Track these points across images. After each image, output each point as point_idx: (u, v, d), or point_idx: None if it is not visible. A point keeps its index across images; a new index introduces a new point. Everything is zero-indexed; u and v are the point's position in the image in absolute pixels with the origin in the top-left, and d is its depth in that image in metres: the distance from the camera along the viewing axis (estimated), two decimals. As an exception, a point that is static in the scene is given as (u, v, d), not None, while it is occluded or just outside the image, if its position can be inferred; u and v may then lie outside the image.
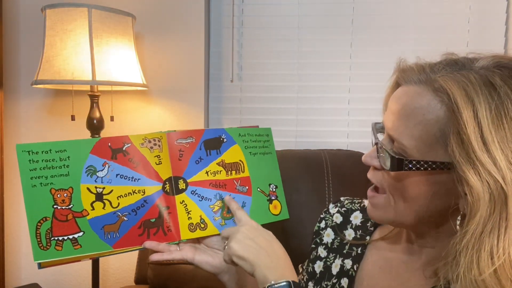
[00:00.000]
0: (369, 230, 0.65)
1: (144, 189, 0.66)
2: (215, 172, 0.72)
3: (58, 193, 0.61)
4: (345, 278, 0.62)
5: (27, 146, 0.61)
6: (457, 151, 0.43)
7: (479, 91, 0.43)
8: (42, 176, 0.60)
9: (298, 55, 1.45)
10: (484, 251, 0.42)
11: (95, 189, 0.63)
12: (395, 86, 0.55)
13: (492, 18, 1.37)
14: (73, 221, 0.61)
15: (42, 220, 0.60)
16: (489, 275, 0.41)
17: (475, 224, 0.42)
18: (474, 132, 0.42)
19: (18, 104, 1.45)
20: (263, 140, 0.80)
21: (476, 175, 0.42)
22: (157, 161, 0.68)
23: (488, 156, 0.41)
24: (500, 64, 0.46)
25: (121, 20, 1.17)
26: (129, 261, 1.46)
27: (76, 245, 0.61)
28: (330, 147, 1.32)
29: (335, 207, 0.72)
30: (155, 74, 1.41)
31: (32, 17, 1.41)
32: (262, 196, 0.76)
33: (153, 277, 1.09)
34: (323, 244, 0.70)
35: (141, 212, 0.66)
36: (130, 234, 0.65)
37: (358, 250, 0.64)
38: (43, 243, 0.60)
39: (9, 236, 1.46)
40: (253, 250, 0.57)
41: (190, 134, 0.71)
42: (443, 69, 0.48)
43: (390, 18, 1.40)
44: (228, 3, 1.45)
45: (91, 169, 0.64)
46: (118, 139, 0.66)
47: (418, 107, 0.47)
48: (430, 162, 0.46)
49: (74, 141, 0.64)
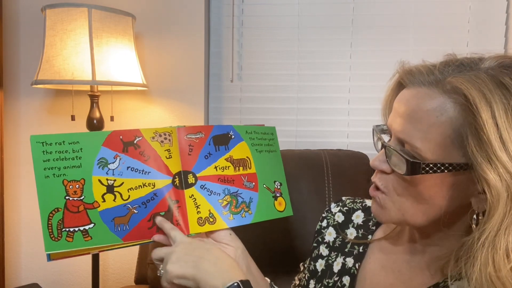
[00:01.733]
0: (371, 229, 0.66)
1: (154, 182, 0.67)
2: (224, 167, 0.73)
3: (70, 184, 0.62)
4: (346, 276, 0.63)
5: (41, 138, 0.61)
6: (476, 151, 0.43)
7: (493, 91, 0.43)
8: (55, 167, 0.61)
9: (298, 55, 1.45)
10: (500, 249, 0.42)
11: (106, 181, 0.64)
12: (396, 88, 0.55)
13: (492, 18, 1.37)
14: (84, 213, 0.62)
15: (54, 211, 0.61)
16: (505, 272, 0.42)
17: (493, 222, 0.42)
18: (494, 132, 0.42)
19: (18, 104, 1.45)
20: (268, 138, 0.82)
21: (496, 175, 0.42)
22: (167, 155, 0.69)
23: (507, 155, 0.42)
24: (505, 64, 0.46)
25: (121, 20, 1.17)
26: (129, 261, 1.46)
27: (86, 236, 0.62)
28: (330, 147, 1.32)
29: (337, 207, 0.72)
30: (155, 74, 1.41)
31: (32, 17, 1.41)
32: (268, 193, 0.77)
33: (153, 277, 1.09)
34: (324, 243, 0.70)
35: (151, 205, 0.66)
36: (140, 227, 0.65)
37: (360, 248, 0.64)
38: (55, 234, 0.60)
39: (9, 236, 1.46)
40: (192, 264, 0.57)
41: (200, 129, 0.72)
42: (453, 71, 0.48)
43: (390, 18, 1.40)
44: (228, 3, 1.45)
45: (102, 161, 0.64)
46: (130, 132, 0.67)
47: (431, 109, 0.47)
48: (446, 164, 0.46)
49: (87, 133, 0.65)
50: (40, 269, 1.49)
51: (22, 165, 1.46)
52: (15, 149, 1.45)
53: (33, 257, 1.49)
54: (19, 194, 1.47)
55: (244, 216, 0.72)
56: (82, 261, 1.47)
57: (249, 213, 0.72)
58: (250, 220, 0.72)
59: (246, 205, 0.73)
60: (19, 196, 1.47)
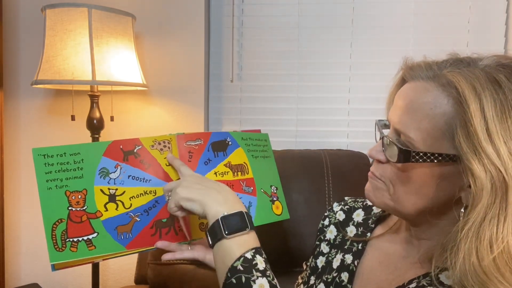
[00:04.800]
0: (370, 227, 0.67)
1: (155, 189, 0.68)
2: (223, 173, 0.74)
3: (73, 195, 0.63)
4: (345, 272, 0.64)
5: (42, 150, 0.62)
6: (463, 142, 0.45)
7: (485, 86, 0.45)
8: (57, 178, 0.62)
9: (298, 55, 1.45)
10: (484, 240, 0.43)
11: (108, 191, 0.65)
12: (400, 83, 0.57)
13: (492, 18, 1.37)
14: (87, 222, 0.63)
15: (58, 222, 0.61)
16: (488, 262, 0.43)
17: (477, 213, 0.44)
18: (480, 124, 0.44)
19: (18, 104, 1.45)
20: (262, 144, 0.83)
21: (480, 165, 0.44)
22: (167, 162, 0.70)
23: (492, 147, 0.43)
24: (502, 63, 0.48)
25: (121, 20, 1.17)
26: (129, 261, 1.45)
27: (90, 246, 0.62)
28: (330, 147, 1.32)
29: (339, 205, 0.74)
30: (155, 74, 1.41)
31: (32, 17, 1.41)
32: (266, 197, 0.78)
33: (153, 277, 1.09)
34: (325, 241, 0.72)
35: (153, 213, 0.67)
36: (143, 234, 0.66)
37: (358, 246, 0.65)
38: (59, 245, 0.61)
39: (9, 236, 1.46)
40: (201, 191, 0.59)
41: (198, 136, 0.74)
42: (450, 66, 0.50)
43: (390, 18, 1.40)
44: (228, 3, 1.45)
45: (104, 171, 0.65)
46: (129, 142, 0.68)
47: (426, 102, 0.49)
48: (436, 154, 0.48)
49: (88, 144, 0.66)
50: (40, 269, 1.49)
51: (22, 165, 1.46)
52: (15, 149, 1.45)
53: (33, 257, 1.49)
54: (19, 194, 1.47)
55: None
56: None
57: None
58: None
59: None
60: (19, 196, 1.47)
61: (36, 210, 1.46)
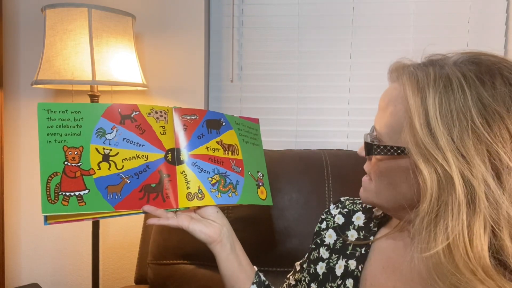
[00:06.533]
0: (373, 230, 0.65)
1: (147, 155, 0.71)
2: (214, 149, 0.77)
3: (70, 151, 0.66)
4: (350, 279, 0.62)
5: (47, 105, 0.67)
6: (407, 136, 0.48)
7: (431, 83, 0.47)
8: (57, 133, 0.66)
9: (298, 55, 1.45)
10: (438, 231, 0.44)
11: (103, 150, 0.68)
12: None
13: (492, 18, 1.37)
14: (80, 179, 0.65)
15: (53, 175, 0.64)
16: (443, 253, 0.43)
17: (427, 205, 0.45)
18: (419, 118, 0.46)
19: (18, 104, 1.45)
20: (253, 132, 0.87)
21: (424, 161, 0.46)
22: (162, 131, 0.73)
23: (432, 141, 0.45)
24: (462, 60, 0.49)
25: (121, 20, 1.17)
26: (129, 261, 1.46)
27: (81, 202, 0.64)
28: (330, 147, 1.32)
29: (336, 208, 0.72)
30: (155, 74, 1.42)
31: (32, 17, 1.41)
32: (252, 180, 0.81)
33: (153, 277, 1.09)
34: (324, 245, 0.69)
35: (143, 176, 0.70)
36: (131, 196, 0.68)
37: (362, 250, 0.63)
38: (52, 197, 0.63)
39: (9, 236, 1.46)
40: None
41: (194, 112, 0.77)
42: (412, 66, 0.53)
43: (390, 18, 1.40)
44: (228, 3, 1.45)
45: (100, 131, 0.68)
46: (128, 106, 0.71)
47: (392, 99, 0.53)
48: (395, 147, 0.50)
49: (88, 104, 0.69)
50: (40, 269, 1.49)
51: (22, 165, 1.46)
52: (15, 149, 1.45)
53: (33, 257, 1.49)
54: (19, 194, 1.47)
55: (231, 196, 0.75)
56: (83, 260, 1.47)
57: (235, 194, 0.76)
58: (236, 201, 0.76)
59: (233, 186, 0.76)
60: (19, 196, 1.47)
61: (36, 210, 1.46)
